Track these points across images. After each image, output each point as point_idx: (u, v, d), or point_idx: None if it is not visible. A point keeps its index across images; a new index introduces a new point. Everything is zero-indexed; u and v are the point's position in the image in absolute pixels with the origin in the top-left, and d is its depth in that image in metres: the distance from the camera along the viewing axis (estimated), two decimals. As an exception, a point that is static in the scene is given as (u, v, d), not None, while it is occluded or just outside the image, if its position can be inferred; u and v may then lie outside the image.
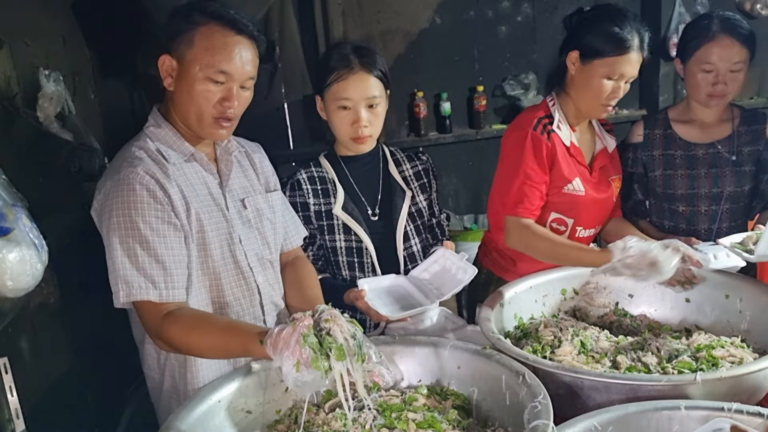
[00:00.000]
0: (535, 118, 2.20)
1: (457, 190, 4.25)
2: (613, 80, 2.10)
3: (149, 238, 1.59)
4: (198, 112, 1.65)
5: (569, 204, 2.22)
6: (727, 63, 2.24)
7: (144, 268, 1.58)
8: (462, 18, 4.19)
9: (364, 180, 2.19)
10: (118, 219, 1.59)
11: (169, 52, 1.63)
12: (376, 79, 2.05)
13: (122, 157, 1.67)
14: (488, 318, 1.87)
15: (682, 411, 1.43)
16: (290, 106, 4.03)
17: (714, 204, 2.40)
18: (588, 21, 2.15)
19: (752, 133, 2.41)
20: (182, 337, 1.59)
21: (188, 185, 1.70)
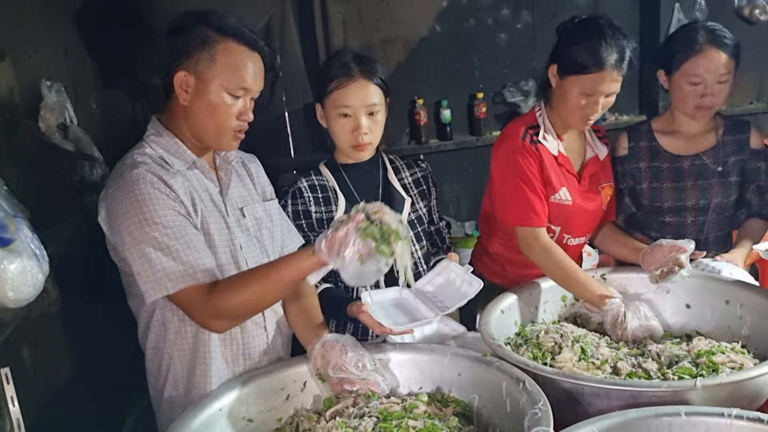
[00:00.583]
0: (522, 128, 2.20)
1: (458, 197, 4.25)
2: (589, 96, 2.08)
3: (171, 228, 1.59)
4: (218, 126, 1.68)
5: (556, 213, 2.22)
6: (715, 75, 2.21)
7: (179, 257, 1.58)
8: (462, 26, 4.21)
9: (364, 188, 2.19)
10: (134, 219, 1.58)
11: (185, 68, 1.63)
12: (376, 86, 2.06)
13: (123, 165, 1.67)
14: (488, 324, 1.88)
15: (682, 417, 1.43)
16: (291, 115, 4.04)
17: (701, 215, 2.38)
18: (568, 36, 2.13)
19: (736, 142, 2.39)
20: (237, 296, 1.60)
21: (193, 190, 1.71)
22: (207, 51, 1.63)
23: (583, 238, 2.35)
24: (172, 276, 1.57)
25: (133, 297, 1.76)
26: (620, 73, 2.06)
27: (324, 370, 1.67)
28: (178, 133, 1.73)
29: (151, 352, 1.78)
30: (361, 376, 1.65)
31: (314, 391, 1.75)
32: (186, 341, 1.73)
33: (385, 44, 4.06)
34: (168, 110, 1.74)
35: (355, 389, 1.66)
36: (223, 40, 1.64)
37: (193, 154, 1.74)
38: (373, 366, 1.68)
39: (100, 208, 1.67)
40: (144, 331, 1.78)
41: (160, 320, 1.73)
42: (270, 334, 1.85)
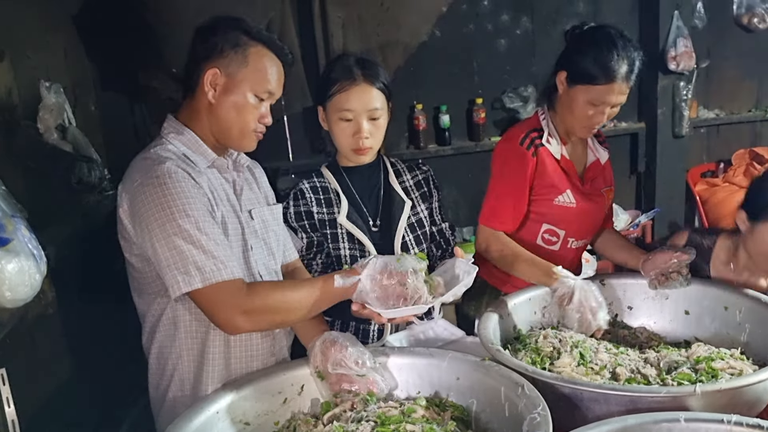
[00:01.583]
0: (523, 132, 2.20)
1: (456, 202, 4.25)
2: (596, 106, 2.08)
3: (203, 223, 1.58)
4: (243, 126, 1.72)
5: (560, 216, 2.23)
6: None
7: (211, 251, 1.56)
8: (461, 31, 4.21)
9: (365, 190, 2.20)
10: (166, 211, 1.56)
11: (216, 66, 1.67)
12: (379, 91, 2.06)
13: (147, 159, 1.66)
14: (487, 329, 1.87)
15: (681, 423, 1.42)
16: (290, 119, 4.04)
17: None
18: (579, 44, 2.12)
19: None
20: (273, 296, 1.59)
21: (214, 189, 1.72)
22: (240, 53, 1.69)
23: (584, 241, 2.36)
24: (204, 270, 1.54)
25: (143, 294, 1.74)
26: (629, 84, 2.07)
27: (323, 367, 1.67)
28: (198, 132, 1.74)
29: (156, 352, 1.77)
30: (360, 372, 1.65)
31: (312, 395, 1.73)
32: (196, 341, 1.73)
33: (384, 49, 4.06)
34: (189, 108, 1.75)
35: (354, 388, 1.65)
36: (255, 44, 1.71)
37: (213, 153, 1.76)
38: (372, 364, 1.68)
39: (122, 201, 1.64)
40: (151, 330, 1.77)
41: (170, 318, 1.72)
42: (277, 335, 1.85)
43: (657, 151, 4.54)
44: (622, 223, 4.39)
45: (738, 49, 4.63)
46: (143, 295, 1.75)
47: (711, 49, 4.53)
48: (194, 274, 1.54)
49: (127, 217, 1.64)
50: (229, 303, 1.56)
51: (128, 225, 1.64)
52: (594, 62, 2.03)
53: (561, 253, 2.28)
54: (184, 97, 1.76)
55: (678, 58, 4.31)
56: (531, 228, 2.26)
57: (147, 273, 1.67)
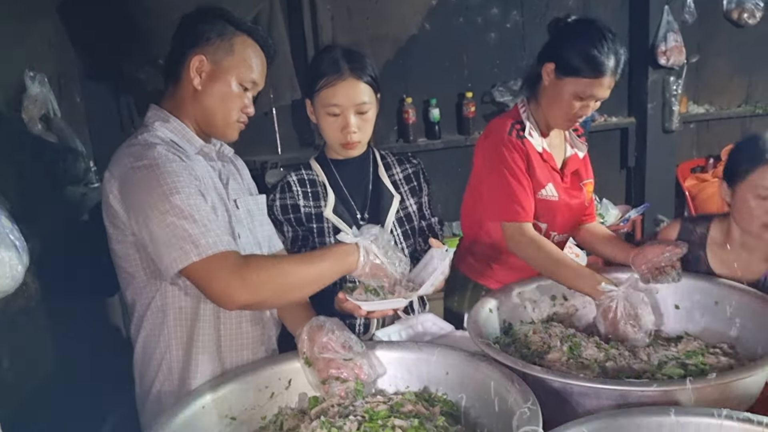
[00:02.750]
0: (507, 124, 2.18)
1: (446, 196, 4.24)
2: (582, 100, 2.07)
3: (195, 200, 1.56)
4: (227, 115, 1.73)
5: (543, 209, 2.21)
6: None
7: (204, 225, 1.53)
8: (451, 24, 4.20)
9: (353, 184, 2.17)
10: (158, 191, 1.54)
11: (202, 53, 1.69)
12: (366, 84, 2.03)
13: (134, 145, 1.64)
14: (476, 323, 1.86)
15: (672, 417, 1.41)
16: (278, 111, 4.01)
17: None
18: (569, 36, 2.10)
19: None
20: (271, 271, 1.54)
21: (202, 175, 1.70)
22: (227, 41, 1.71)
23: (566, 234, 2.35)
24: (198, 244, 1.51)
25: (131, 284, 1.72)
26: (615, 79, 2.06)
27: (310, 352, 1.65)
28: (184, 120, 1.74)
29: (143, 342, 1.75)
30: (347, 356, 1.63)
31: (299, 390, 1.72)
32: (185, 329, 1.71)
33: (374, 41, 4.04)
34: (173, 96, 1.75)
35: (341, 375, 1.63)
36: (240, 34, 1.73)
37: (200, 140, 1.76)
38: (360, 349, 1.66)
39: (111, 187, 1.62)
40: (138, 320, 1.74)
41: (159, 307, 1.70)
42: (266, 323, 1.84)
43: (647, 146, 4.55)
44: (612, 218, 4.39)
45: (728, 45, 4.64)
46: (132, 285, 1.72)
47: (701, 44, 4.54)
48: (189, 249, 1.50)
49: (119, 203, 1.61)
50: (224, 273, 1.51)
51: (120, 210, 1.61)
52: (585, 55, 2.02)
53: None
54: (167, 85, 1.75)
55: (668, 53, 4.31)
56: None
57: (137, 261, 1.65)
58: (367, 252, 1.62)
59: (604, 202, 4.47)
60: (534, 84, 2.21)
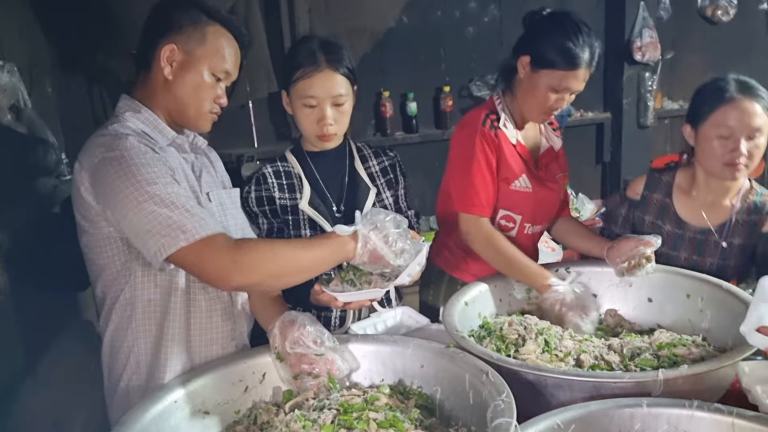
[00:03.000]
0: (482, 114, 2.19)
1: (423, 190, 4.24)
2: (558, 92, 2.08)
3: (171, 187, 1.53)
4: (199, 106, 1.71)
5: (517, 201, 2.22)
6: (747, 128, 2.01)
7: (187, 209, 1.51)
8: (429, 18, 4.19)
9: (329, 176, 2.16)
10: (132, 180, 1.51)
11: (174, 42, 1.66)
12: (343, 77, 2.02)
13: (105, 136, 1.61)
14: (452, 316, 1.86)
15: (643, 408, 1.43)
16: (255, 104, 3.98)
17: None
18: (544, 29, 2.10)
19: (748, 224, 2.16)
20: (265, 253, 1.52)
21: (175, 167, 1.68)
22: (199, 30, 1.68)
23: (540, 227, 2.36)
24: (185, 228, 1.48)
25: (101, 276, 1.69)
26: (590, 71, 2.08)
27: (282, 347, 1.64)
28: (155, 110, 1.71)
29: (111, 335, 1.73)
30: (319, 351, 1.62)
31: (274, 383, 1.71)
32: (154, 322, 1.69)
33: (351, 34, 4.01)
34: (144, 86, 1.72)
35: (314, 370, 1.62)
36: (213, 23, 1.71)
37: (172, 131, 1.73)
38: (332, 344, 1.65)
39: (82, 179, 1.59)
40: (107, 313, 1.72)
41: (128, 299, 1.68)
42: (237, 318, 1.82)
43: (622, 141, 4.59)
44: (588, 213, 4.42)
45: (702, 41, 4.69)
46: (102, 278, 1.70)
47: (676, 40, 4.58)
48: (177, 234, 1.47)
49: (90, 194, 1.58)
50: (218, 254, 1.48)
51: (92, 202, 1.59)
52: (560, 48, 2.03)
53: (518, 239, 2.27)
54: (138, 74, 1.72)
55: (643, 49, 4.35)
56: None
57: (109, 252, 1.63)
58: (366, 241, 1.58)
59: (580, 196, 4.49)
60: (509, 77, 2.21)
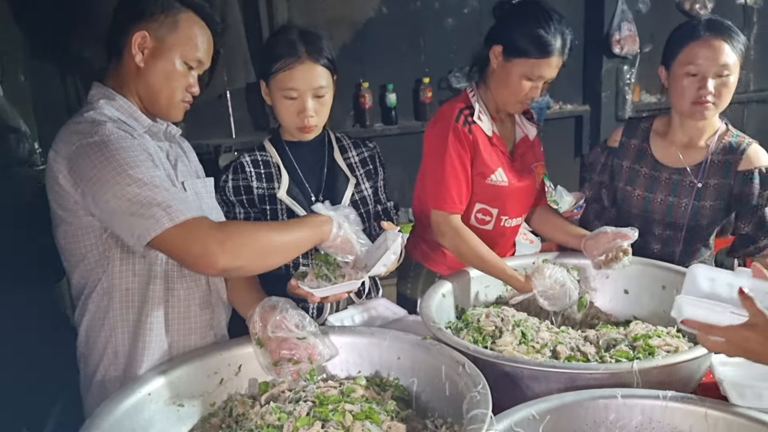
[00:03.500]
0: (456, 109, 2.18)
1: (401, 182, 4.23)
2: (531, 81, 2.08)
3: (152, 171, 1.52)
4: (171, 94, 1.69)
5: (493, 194, 2.22)
6: (714, 66, 2.03)
7: (170, 191, 1.49)
8: (409, 9, 4.17)
9: (308, 166, 2.15)
10: (113, 165, 1.48)
11: (145, 29, 1.63)
12: (323, 68, 2.00)
13: (81, 123, 1.57)
14: (429, 308, 1.86)
15: (618, 399, 1.44)
16: (233, 94, 3.94)
17: (668, 230, 2.25)
18: (515, 17, 2.10)
19: (723, 164, 2.17)
20: (248, 234, 1.50)
21: (152, 154, 1.65)
22: (171, 17, 1.66)
23: (519, 219, 2.36)
24: (169, 210, 1.45)
25: (78, 266, 1.66)
26: (563, 58, 2.08)
27: (263, 333, 1.63)
28: (128, 98, 1.69)
29: (87, 326, 1.70)
30: (300, 335, 1.61)
31: (250, 375, 1.69)
32: (132, 312, 1.66)
33: (330, 24, 3.98)
34: (116, 74, 1.69)
35: (294, 356, 1.61)
36: (186, 10, 1.68)
37: (148, 119, 1.70)
38: (313, 329, 1.64)
39: (59, 167, 1.55)
40: (84, 303, 1.69)
41: (105, 288, 1.65)
42: (216, 308, 1.80)
43: (600, 133, 4.60)
44: (566, 205, 4.44)
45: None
46: (79, 267, 1.66)
47: (654, 33, 4.60)
48: (160, 215, 1.45)
49: (68, 183, 1.55)
50: (204, 235, 1.46)
51: (70, 190, 1.56)
52: (531, 36, 2.03)
53: (496, 233, 2.27)
54: (110, 62, 1.69)
55: (622, 42, 4.37)
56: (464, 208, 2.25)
57: (87, 241, 1.60)
58: (339, 225, 1.61)
59: (559, 188, 4.51)
60: (483, 68, 2.21)
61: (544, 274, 1.99)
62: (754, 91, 4.85)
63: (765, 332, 1.25)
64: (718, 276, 1.42)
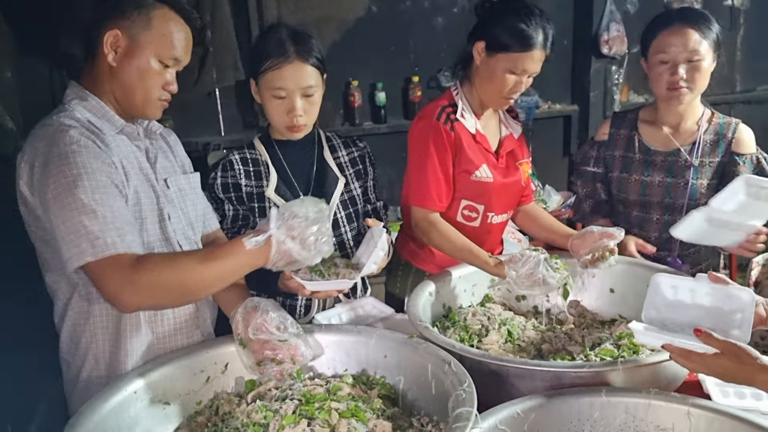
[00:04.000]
0: (438, 107, 2.20)
1: (391, 181, 4.24)
2: (515, 75, 2.10)
3: (101, 194, 1.50)
4: (146, 93, 1.65)
5: (479, 191, 2.24)
6: (685, 53, 2.13)
7: (105, 223, 1.47)
8: (398, 7, 4.18)
9: (297, 165, 2.14)
10: (63, 181, 1.48)
11: (117, 28, 1.59)
12: (313, 67, 2.00)
13: (48, 128, 1.57)
14: (416, 307, 1.86)
15: (602, 397, 1.45)
16: (222, 92, 3.93)
17: (666, 213, 2.31)
18: (496, 14, 2.12)
19: (716, 143, 2.27)
20: (167, 270, 1.46)
21: (124, 156, 1.64)
22: (144, 15, 1.61)
23: (505, 216, 2.37)
24: (95, 243, 1.45)
25: (52, 271, 1.66)
26: (546, 52, 2.10)
27: (245, 333, 1.63)
28: (102, 98, 1.66)
29: (69, 330, 1.69)
30: (282, 338, 1.61)
31: (236, 374, 1.69)
32: (111, 318, 1.65)
33: (319, 23, 3.98)
34: (91, 73, 1.66)
35: (277, 356, 1.61)
36: (160, 6, 1.63)
37: (121, 120, 1.67)
38: (295, 330, 1.64)
39: (22, 173, 1.55)
40: (63, 308, 1.68)
41: (83, 295, 1.64)
42: (201, 307, 1.80)
43: (589, 133, 4.62)
44: (554, 204, 4.46)
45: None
46: (53, 272, 1.66)
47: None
48: (85, 248, 1.45)
49: (28, 190, 1.55)
50: (116, 275, 1.45)
51: (29, 198, 1.55)
52: (513, 30, 2.05)
53: (482, 229, 2.29)
54: (85, 60, 1.66)
55: (610, 43, 4.39)
56: (451, 205, 2.26)
57: (54, 247, 1.57)
58: (279, 245, 1.46)
59: (547, 188, 4.53)
60: (466, 65, 2.23)
61: (518, 261, 1.94)
62: (740, 92, 4.89)
63: (738, 358, 1.31)
64: (680, 283, 1.55)
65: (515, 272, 1.92)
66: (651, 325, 1.54)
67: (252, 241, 1.45)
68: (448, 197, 2.21)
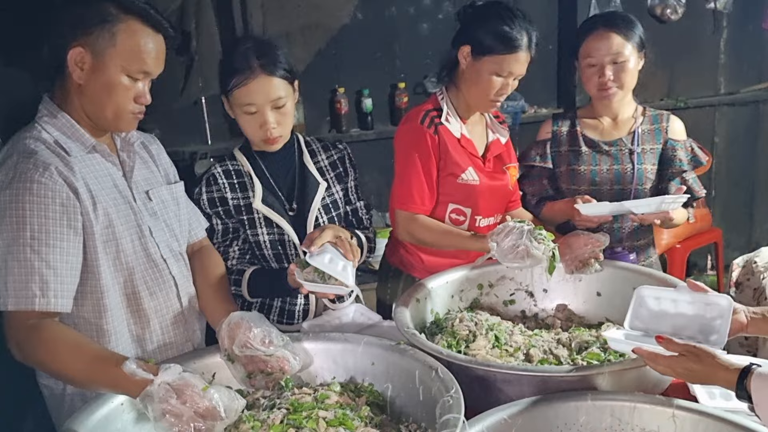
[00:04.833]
0: (422, 111, 2.23)
1: (378, 187, 4.24)
2: (501, 77, 2.14)
3: (42, 243, 1.50)
4: (117, 109, 1.61)
5: (465, 194, 2.26)
6: (608, 56, 2.26)
7: (32, 274, 1.49)
8: (384, 14, 4.19)
9: (280, 173, 2.14)
10: (10, 219, 1.49)
11: (81, 45, 1.54)
12: (280, 79, 1.97)
13: (14, 152, 1.56)
14: (404, 313, 1.86)
15: (588, 401, 1.46)
16: (208, 101, 3.92)
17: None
18: (480, 17, 2.16)
19: (654, 131, 2.42)
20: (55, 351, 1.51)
21: (93, 178, 1.62)
22: (108, 29, 1.55)
23: (492, 219, 2.38)
24: (10, 294, 1.49)
25: None
26: (530, 54, 2.15)
27: (231, 350, 1.63)
28: (73, 114, 1.63)
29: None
30: (268, 352, 1.61)
31: (224, 384, 1.67)
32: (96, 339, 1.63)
33: (305, 30, 3.98)
34: (60, 89, 1.63)
35: (267, 367, 1.61)
36: (126, 19, 1.57)
37: (91, 138, 1.65)
38: (281, 341, 1.64)
39: None
40: None
41: (63, 318, 1.60)
42: (188, 319, 1.80)
43: (574, 136, 4.65)
44: (540, 208, 4.47)
45: (651, 39, 4.70)
46: None
47: (626, 38, 4.66)
48: (3, 294, 1.50)
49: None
50: (13, 331, 1.52)
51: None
52: (497, 32, 2.10)
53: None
54: (54, 76, 1.63)
55: (594, 47, 4.41)
56: (438, 209, 2.28)
57: None
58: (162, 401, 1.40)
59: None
60: (452, 70, 2.25)
61: (500, 233, 1.93)
62: (724, 95, 4.93)
63: (698, 358, 1.38)
64: (663, 294, 1.66)
65: (497, 244, 1.91)
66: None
67: (132, 367, 1.42)
68: (432, 200, 2.23)
